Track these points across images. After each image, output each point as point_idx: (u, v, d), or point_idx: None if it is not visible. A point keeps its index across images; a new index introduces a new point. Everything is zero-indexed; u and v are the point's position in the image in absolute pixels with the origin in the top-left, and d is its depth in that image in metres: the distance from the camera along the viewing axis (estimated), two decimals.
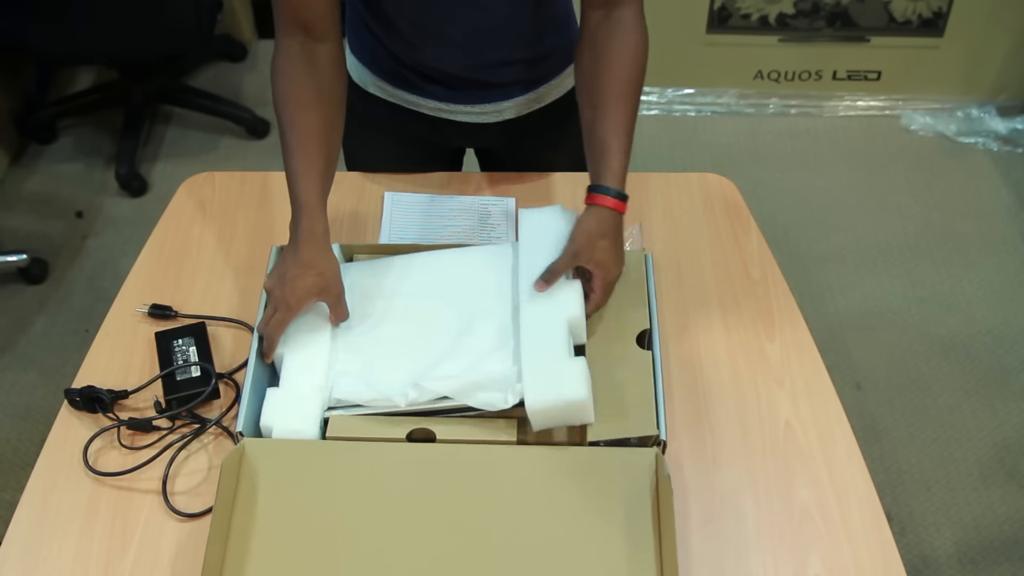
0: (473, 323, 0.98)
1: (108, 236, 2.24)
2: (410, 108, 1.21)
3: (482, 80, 1.16)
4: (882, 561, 0.88)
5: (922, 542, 1.67)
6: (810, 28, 2.49)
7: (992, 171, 2.43)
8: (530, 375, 0.90)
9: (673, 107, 2.56)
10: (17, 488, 0.92)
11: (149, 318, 1.09)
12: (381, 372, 0.95)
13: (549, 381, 0.89)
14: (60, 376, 1.92)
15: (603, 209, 0.98)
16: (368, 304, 1.01)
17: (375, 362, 0.97)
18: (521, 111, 1.21)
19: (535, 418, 0.88)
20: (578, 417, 0.90)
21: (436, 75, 1.16)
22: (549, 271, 0.97)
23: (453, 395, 0.90)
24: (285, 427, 0.90)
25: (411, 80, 1.17)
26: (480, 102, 1.19)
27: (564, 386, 0.88)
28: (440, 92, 1.18)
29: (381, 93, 1.21)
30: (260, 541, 0.84)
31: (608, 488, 0.88)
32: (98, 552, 0.88)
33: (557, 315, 0.95)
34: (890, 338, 2.02)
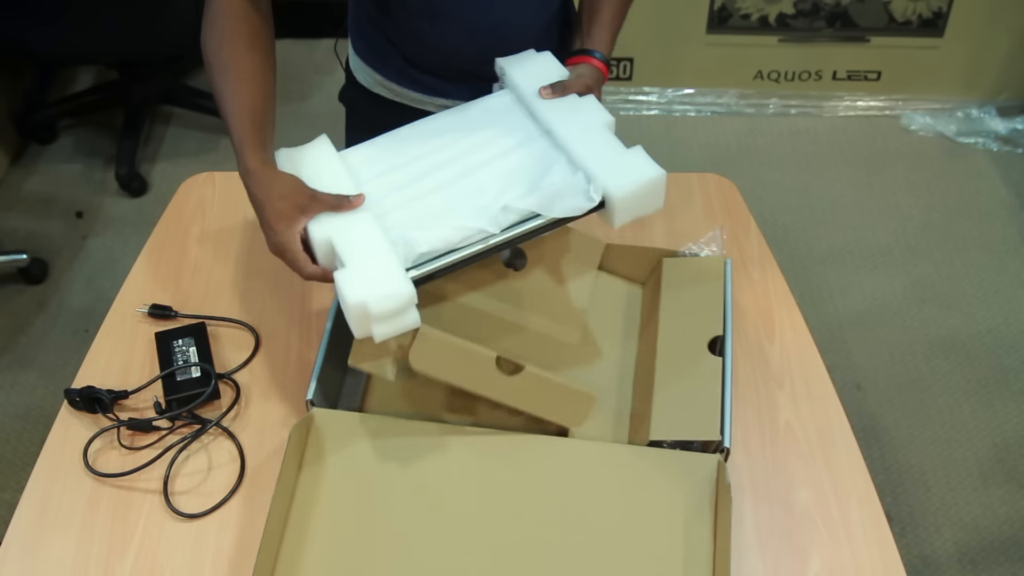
0: (510, 154, 0.97)
1: (108, 236, 2.24)
2: (416, 107, 1.21)
3: (490, 75, 1.17)
4: (882, 561, 0.88)
5: (922, 542, 1.67)
6: (810, 28, 2.49)
7: (992, 171, 2.43)
8: (602, 170, 0.91)
9: (673, 107, 2.55)
10: (17, 488, 0.92)
11: (149, 318, 1.09)
12: (448, 215, 0.91)
13: (622, 169, 0.91)
14: (60, 376, 1.92)
15: (587, 66, 1.05)
16: (392, 172, 0.97)
17: (433, 211, 0.92)
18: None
19: (620, 207, 0.90)
20: (654, 202, 0.92)
21: (443, 71, 1.16)
22: (560, 85, 1.01)
23: (539, 209, 0.89)
24: (378, 293, 0.81)
25: (417, 78, 1.18)
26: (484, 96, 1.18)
27: (639, 169, 0.91)
28: (446, 88, 1.18)
29: (386, 93, 1.21)
30: (322, 512, 0.86)
31: (668, 490, 0.88)
32: (98, 552, 0.88)
33: (594, 122, 0.97)
34: (890, 338, 2.02)
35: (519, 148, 0.97)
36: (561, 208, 0.89)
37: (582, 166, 0.92)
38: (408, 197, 0.94)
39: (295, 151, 0.96)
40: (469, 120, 1.02)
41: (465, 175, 0.95)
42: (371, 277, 0.83)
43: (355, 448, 0.90)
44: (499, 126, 1.00)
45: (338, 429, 0.91)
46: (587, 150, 0.93)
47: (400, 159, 0.98)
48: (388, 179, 0.95)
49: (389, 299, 0.81)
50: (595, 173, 0.91)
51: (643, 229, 1.21)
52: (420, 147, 0.99)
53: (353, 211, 0.90)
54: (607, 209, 0.90)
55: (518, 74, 1.04)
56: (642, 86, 2.56)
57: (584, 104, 0.99)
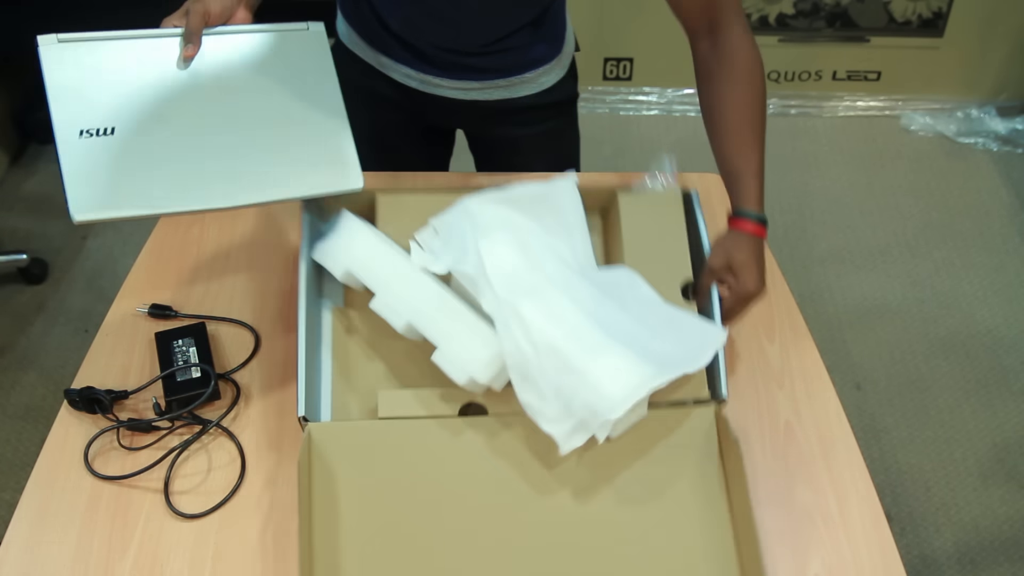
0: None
1: (108, 236, 2.24)
2: (381, 71, 1.23)
3: (453, 61, 1.18)
4: (882, 561, 0.88)
5: (922, 542, 1.67)
6: (810, 28, 2.49)
7: (992, 171, 2.43)
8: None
9: (673, 107, 2.55)
10: (17, 488, 0.92)
11: (149, 318, 1.09)
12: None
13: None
14: (60, 376, 1.92)
15: (740, 233, 0.97)
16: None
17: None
18: (490, 95, 1.22)
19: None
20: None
21: (409, 40, 1.17)
22: (697, 292, 0.98)
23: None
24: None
25: (387, 41, 1.19)
26: (448, 76, 1.19)
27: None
28: (411, 59, 1.19)
29: (358, 51, 1.23)
30: (347, 528, 0.85)
31: (669, 449, 0.89)
32: (98, 552, 0.88)
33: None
34: (890, 338, 2.02)
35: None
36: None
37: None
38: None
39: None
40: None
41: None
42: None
43: (363, 459, 0.88)
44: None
45: (340, 442, 0.89)
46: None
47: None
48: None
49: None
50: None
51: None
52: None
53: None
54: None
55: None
56: (642, 86, 2.57)
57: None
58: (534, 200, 1.00)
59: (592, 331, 0.89)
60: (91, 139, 0.85)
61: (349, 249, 0.95)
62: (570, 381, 0.86)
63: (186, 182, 0.87)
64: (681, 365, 0.89)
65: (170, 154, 0.87)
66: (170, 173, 0.87)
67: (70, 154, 0.83)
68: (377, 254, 0.95)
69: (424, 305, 0.91)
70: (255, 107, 0.92)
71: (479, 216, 0.96)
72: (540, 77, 1.22)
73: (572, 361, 0.86)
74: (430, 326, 0.90)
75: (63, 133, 0.84)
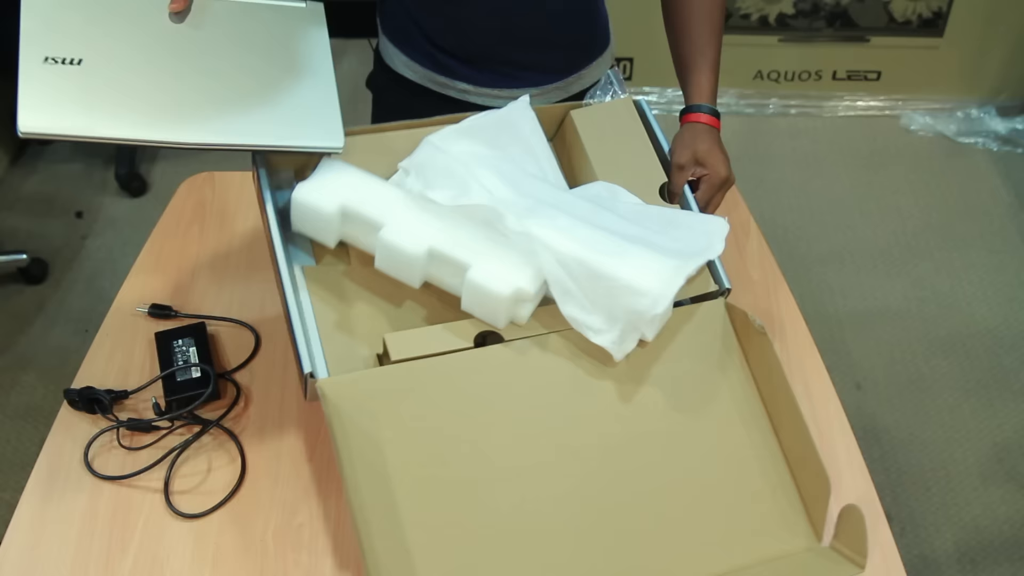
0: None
1: (108, 236, 2.25)
2: (439, 92, 1.22)
3: (509, 60, 1.18)
4: (882, 561, 0.88)
5: (922, 542, 1.67)
6: (810, 28, 2.49)
7: (992, 171, 2.43)
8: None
9: (673, 107, 2.55)
10: (17, 488, 0.92)
11: (149, 318, 1.09)
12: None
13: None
14: (60, 376, 1.91)
15: (696, 125, 1.01)
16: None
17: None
18: (549, 99, 1.23)
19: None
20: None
21: (464, 54, 1.17)
22: (670, 193, 0.98)
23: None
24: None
25: (439, 59, 1.18)
26: (507, 86, 1.20)
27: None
28: (468, 73, 1.19)
29: (411, 74, 1.22)
30: (396, 479, 0.79)
31: (691, 347, 0.89)
32: (98, 552, 0.88)
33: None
34: (890, 338, 2.02)
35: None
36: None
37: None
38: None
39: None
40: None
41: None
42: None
43: (390, 406, 0.82)
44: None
45: (361, 393, 0.82)
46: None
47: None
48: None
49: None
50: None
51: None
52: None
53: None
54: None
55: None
56: (642, 86, 2.56)
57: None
58: (494, 128, 0.98)
59: (605, 238, 0.87)
60: (55, 66, 0.81)
61: (342, 184, 0.89)
62: (604, 288, 0.85)
63: (151, 114, 0.83)
64: (700, 255, 0.90)
65: (138, 88, 0.83)
66: (135, 104, 0.83)
67: (30, 75, 0.79)
68: (376, 185, 0.90)
69: (445, 229, 0.87)
70: (240, 60, 0.89)
71: (451, 151, 0.94)
72: (593, 71, 1.23)
73: (600, 269, 0.85)
74: (456, 246, 0.85)
75: (27, 57, 0.80)
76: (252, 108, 0.87)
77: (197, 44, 0.88)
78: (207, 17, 0.90)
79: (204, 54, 0.88)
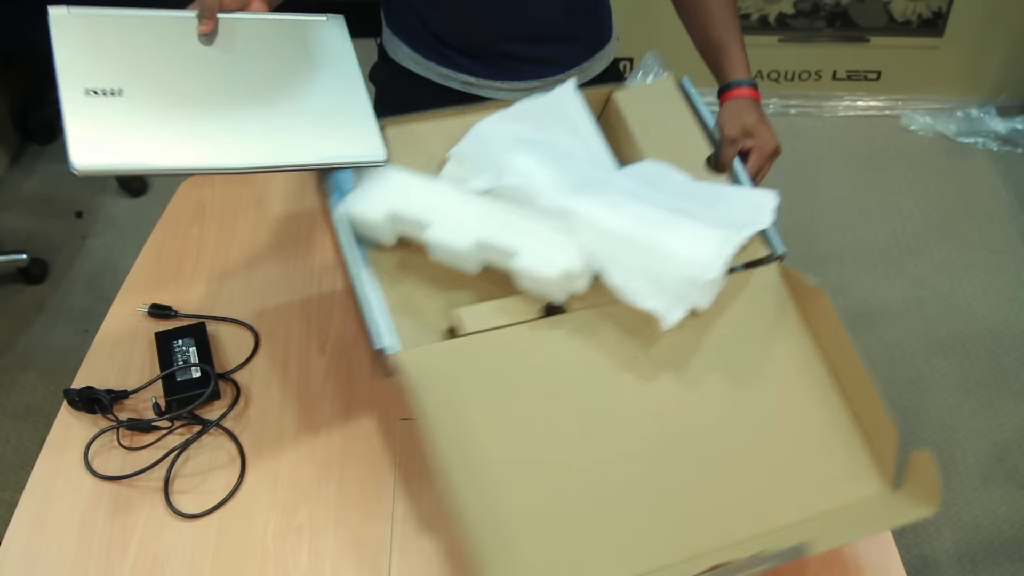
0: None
1: (108, 236, 2.24)
2: (441, 83, 1.23)
3: (510, 54, 1.19)
4: (882, 561, 0.88)
5: (922, 542, 1.67)
6: (810, 28, 2.49)
7: (992, 171, 2.43)
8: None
9: None
10: (17, 488, 0.92)
11: (149, 318, 1.09)
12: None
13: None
14: (60, 376, 1.91)
15: (740, 100, 1.03)
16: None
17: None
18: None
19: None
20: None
21: (466, 47, 1.18)
22: (721, 166, 0.98)
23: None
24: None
25: (443, 52, 1.19)
26: (509, 78, 1.20)
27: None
28: (470, 65, 1.20)
29: (414, 66, 1.23)
30: (484, 452, 0.80)
31: (749, 313, 0.90)
32: (98, 552, 0.88)
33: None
34: (890, 338, 2.02)
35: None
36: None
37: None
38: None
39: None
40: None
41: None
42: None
43: (468, 377, 0.83)
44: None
45: (439, 366, 0.83)
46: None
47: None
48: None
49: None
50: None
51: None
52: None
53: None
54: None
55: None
56: None
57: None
58: (542, 112, 0.99)
59: (654, 213, 0.88)
60: (97, 98, 0.81)
61: (387, 189, 0.90)
62: (654, 260, 0.85)
63: (200, 141, 0.83)
64: (749, 226, 0.91)
65: (182, 115, 0.84)
66: (182, 132, 0.83)
67: (75, 110, 0.79)
68: (418, 185, 0.91)
69: (488, 218, 0.88)
70: (273, 81, 0.90)
71: (498, 137, 0.95)
72: (595, 64, 1.25)
73: (648, 241, 0.86)
74: (502, 234, 0.87)
75: (68, 90, 0.80)
76: (294, 128, 0.88)
77: (230, 67, 0.89)
78: (235, 37, 0.91)
79: (238, 76, 0.89)
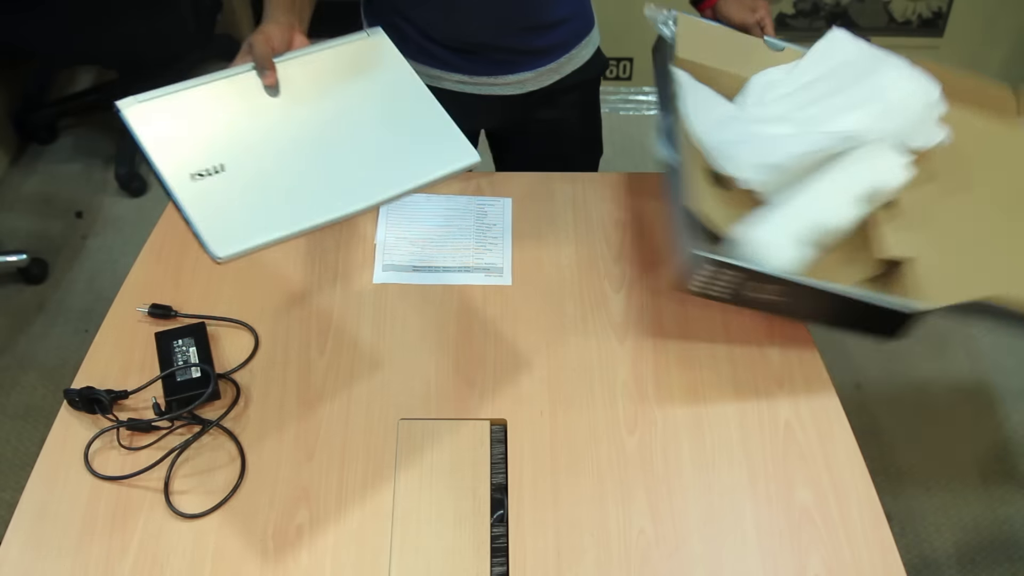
0: None
1: (108, 236, 2.25)
2: (432, 84, 1.23)
3: (504, 47, 1.19)
4: (882, 561, 0.88)
5: (922, 542, 1.67)
6: (810, 28, 2.49)
7: None
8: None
9: None
10: (17, 488, 0.92)
11: (149, 318, 1.09)
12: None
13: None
14: (60, 376, 1.92)
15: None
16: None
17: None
18: (542, 82, 1.25)
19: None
20: None
21: (459, 45, 1.18)
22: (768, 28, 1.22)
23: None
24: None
25: (435, 53, 1.19)
26: (502, 72, 1.21)
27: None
28: (463, 64, 1.21)
29: None
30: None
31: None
32: (98, 552, 0.88)
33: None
34: None
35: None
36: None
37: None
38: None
39: None
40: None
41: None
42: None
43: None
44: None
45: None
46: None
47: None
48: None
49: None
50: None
51: (642, 229, 1.21)
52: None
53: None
54: None
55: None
56: (642, 86, 2.56)
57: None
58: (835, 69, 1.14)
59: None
60: (204, 179, 0.83)
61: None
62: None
63: (312, 196, 0.85)
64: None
65: (288, 174, 0.86)
66: (296, 191, 0.85)
67: (189, 198, 0.81)
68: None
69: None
70: (349, 115, 0.92)
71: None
72: (583, 51, 1.26)
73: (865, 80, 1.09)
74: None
75: (175, 180, 0.82)
76: (389, 157, 0.89)
77: (307, 112, 0.90)
78: (297, 81, 0.92)
79: (318, 120, 0.90)
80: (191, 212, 0.81)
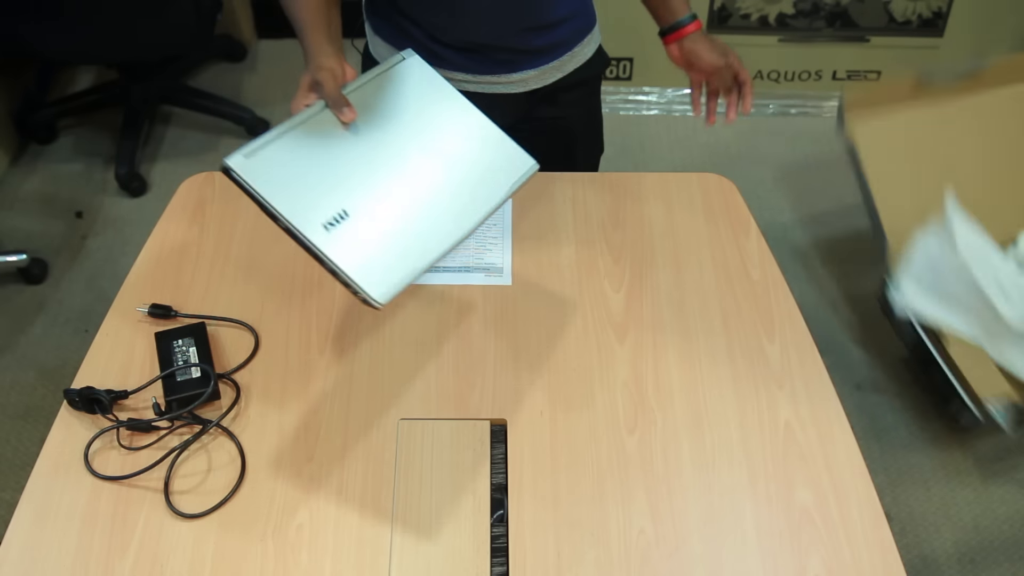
0: None
1: (108, 236, 2.24)
2: None
3: (508, 47, 1.20)
4: (882, 561, 0.88)
5: (922, 542, 1.67)
6: (810, 28, 2.49)
7: None
8: None
9: (673, 107, 2.55)
10: (17, 488, 0.92)
11: (149, 318, 1.09)
12: None
13: None
14: (60, 376, 1.92)
15: (697, 34, 1.19)
16: None
17: None
18: (545, 80, 1.25)
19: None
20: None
21: (463, 45, 1.18)
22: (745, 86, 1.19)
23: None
24: None
25: (438, 53, 1.20)
26: (506, 71, 1.22)
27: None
28: (467, 63, 1.21)
29: None
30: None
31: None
32: (98, 552, 0.88)
33: None
34: (890, 338, 2.02)
35: None
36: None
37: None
38: None
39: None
40: None
41: None
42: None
43: None
44: None
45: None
46: None
47: None
48: None
49: None
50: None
51: (642, 229, 1.21)
52: None
53: None
54: None
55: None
56: (642, 86, 2.56)
57: None
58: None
59: None
60: (336, 228, 0.85)
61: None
62: None
63: (428, 225, 0.90)
64: None
65: (399, 208, 0.90)
66: (413, 223, 0.89)
67: (335, 249, 0.84)
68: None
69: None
70: (421, 142, 0.95)
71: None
72: (585, 48, 1.27)
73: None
74: None
75: (315, 234, 0.84)
76: (469, 181, 0.95)
77: (387, 147, 0.94)
78: (364, 115, 0.95)
79: (400, 154, 0.94)
80: (343, 265, 0.83)
